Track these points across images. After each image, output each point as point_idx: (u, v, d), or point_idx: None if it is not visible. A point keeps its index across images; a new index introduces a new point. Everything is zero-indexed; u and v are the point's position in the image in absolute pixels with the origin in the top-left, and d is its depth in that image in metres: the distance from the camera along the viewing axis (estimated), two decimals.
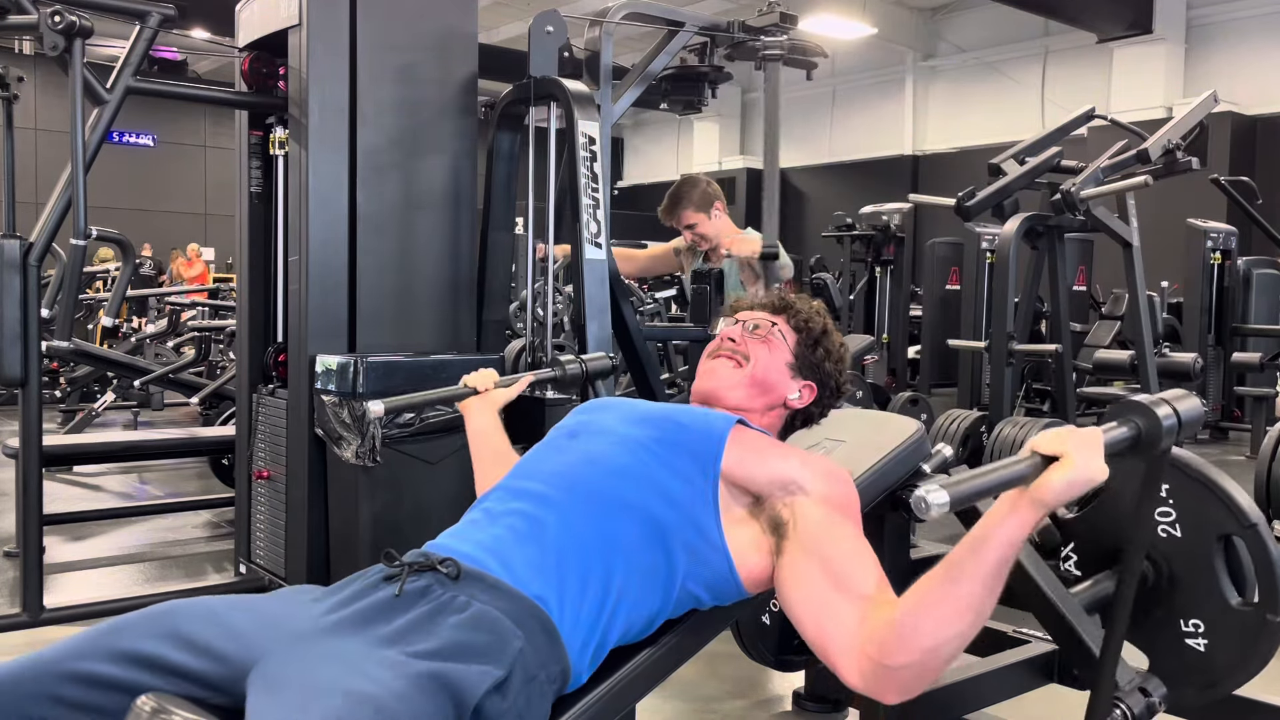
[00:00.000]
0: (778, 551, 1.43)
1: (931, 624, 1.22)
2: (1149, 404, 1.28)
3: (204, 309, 8.53)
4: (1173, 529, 1.58)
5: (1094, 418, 8.40)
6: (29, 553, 2.99)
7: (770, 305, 1.76)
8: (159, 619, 1.26)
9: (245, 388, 3.31)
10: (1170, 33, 11.97)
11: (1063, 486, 1.14)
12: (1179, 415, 1.29)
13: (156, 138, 18.18)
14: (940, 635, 1.22)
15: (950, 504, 1.04)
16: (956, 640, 1.22)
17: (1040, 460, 1.15)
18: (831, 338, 1.74)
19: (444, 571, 1.33)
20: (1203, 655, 1.59)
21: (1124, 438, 1.27)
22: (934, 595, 1.22)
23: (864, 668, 1.28)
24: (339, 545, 2.90)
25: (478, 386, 2.02)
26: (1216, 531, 1.54)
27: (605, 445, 1.52)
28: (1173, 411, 1.28)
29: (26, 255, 2.83)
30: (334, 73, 2.97)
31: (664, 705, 2.67)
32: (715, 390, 1.68)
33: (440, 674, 1.18)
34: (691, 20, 3.76)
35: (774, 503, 1.45)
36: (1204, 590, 1.57)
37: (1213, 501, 1.53)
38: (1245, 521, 1.50)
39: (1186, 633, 1.60)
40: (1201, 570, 1.56)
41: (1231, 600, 1.55)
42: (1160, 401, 1.29)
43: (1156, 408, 1.27)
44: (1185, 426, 1.29)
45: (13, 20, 2.75)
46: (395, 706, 1.11)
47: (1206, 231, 7.49)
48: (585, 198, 3.00)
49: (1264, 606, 1.51)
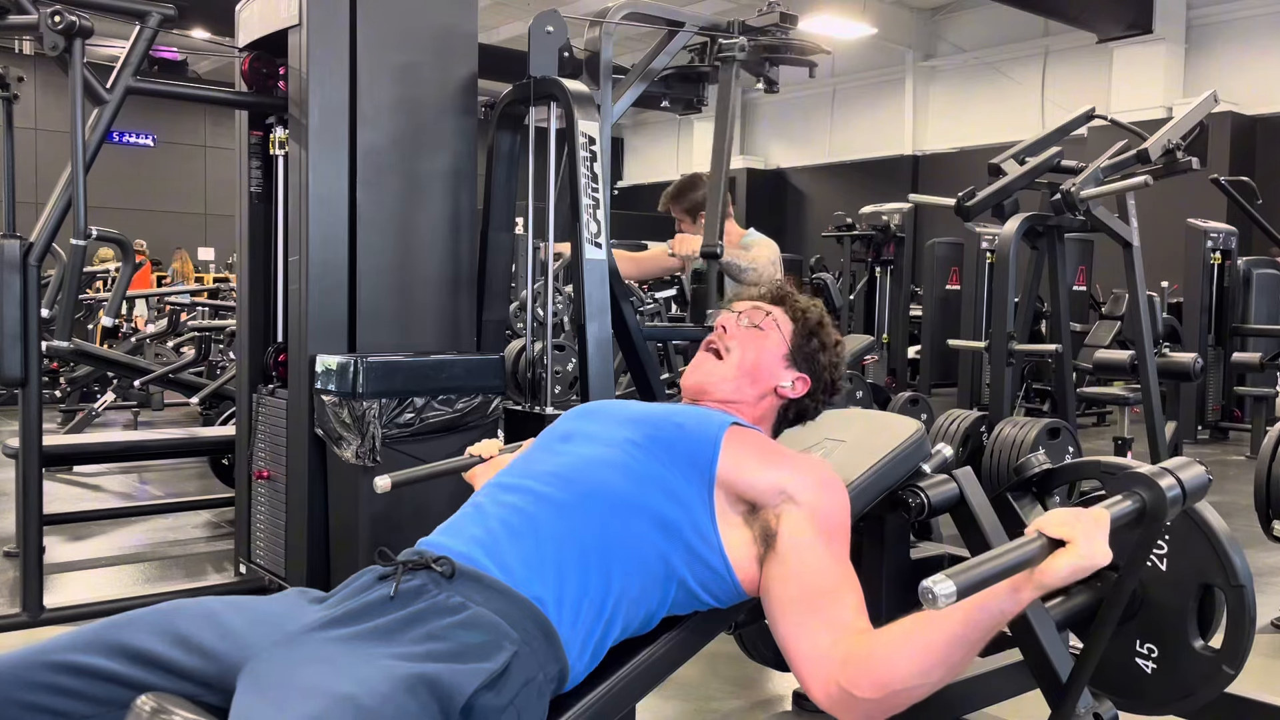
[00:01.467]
0: (764, 561, 1.43)
1: (904, 670, 1.25)
2: (1152, 476, 1.28)
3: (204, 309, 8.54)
4: (1160, 563, 1.60)
5: (1094, 417, 8.42)
6: (29, 553, 2.99)
7: (768, 296, 1.76)
8: (160, 616, 1.27)
9: (245, 388, 3.31)
10: (1170, 33, 11.97)
11: (1068, 573, 1.17)
12: (1183, 487, 1.29)
13: (156, 138, 18.19)
14: (911, 682, 1.26)
15: (957, 595, 1.05)
16: (924, 689, 1.26)
17: (1047, 543, 1.17)
18: (827, 330, 1.73)
19: (438, 570, 1.32)
20: (1147, 677, 1.62)
21: (1128, 511, 1.27)
22: (914, 644, 1.26)
23: (830, 692, 1.31)
24: (339, 545, 2.90)
25: (483, 455, 1.93)
26: (1202, 579, 1.55)
27: (600, 447, 1.52)
28: (1177, 483, 1.29)
29: (26, 255, 2.83)
30: (334, 73, 2.97)
31: (664, 705, 2.67)
32: (701, 385, 1.68)
33: (427, 676, 1.17)
34: (691, 20, 3.76)
35: (766, 512, 1.45)
36: (1170, 624, 1.59)
37: (1208, 553, 1.54)
38: (1234, 581, 1.52)
39: (1139, 652, 1.62)
40: (1174, 606, 1.58)
41: (1194, 642, 1.57)
42: (1163, 473, 1.29)
43: (1160, 479, 1.28)
44: (1190, 497, 1.30)
45: (13, 20, 2.75)
46: (378, 708, 1.11)
47: (1206, 231, 7.50)
48: (585, 198, 3.00)
49: (1224, 658, 1.54)
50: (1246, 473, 4.76)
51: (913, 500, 1.65)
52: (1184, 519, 1.57)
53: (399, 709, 1.12)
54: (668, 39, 3.73)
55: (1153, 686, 1.61)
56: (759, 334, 1.69)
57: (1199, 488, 1.31)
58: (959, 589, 1.05)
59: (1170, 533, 1.58)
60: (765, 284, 1.80)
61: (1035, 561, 1.16)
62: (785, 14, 3.78)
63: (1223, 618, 1.57)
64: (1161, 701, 1.62)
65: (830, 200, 14.57)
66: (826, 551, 1.41)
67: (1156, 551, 1.60)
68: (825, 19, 12.47)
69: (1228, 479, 6.09)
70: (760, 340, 1.68)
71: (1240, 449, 7.23)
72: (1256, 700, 1.84)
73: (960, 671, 1.26)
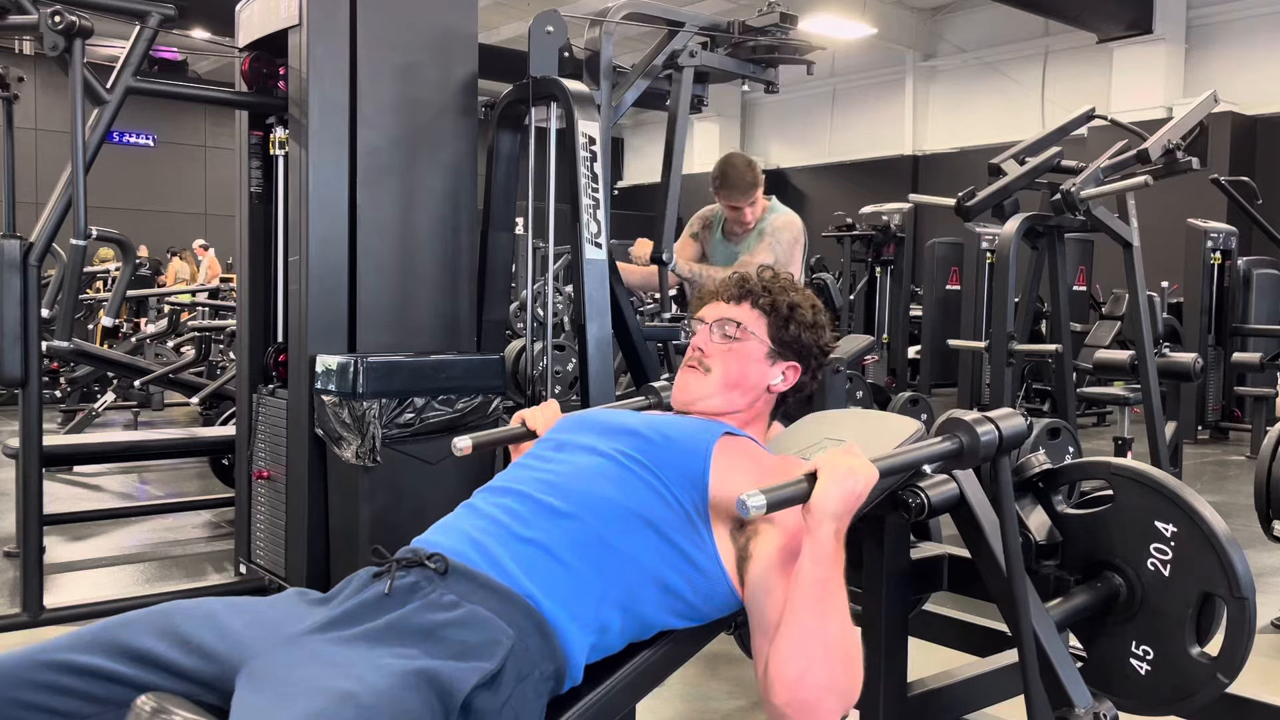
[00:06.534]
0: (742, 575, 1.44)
1: (785, 653, 1.28)
2: (972, 422, 1.42)
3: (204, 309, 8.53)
4: (1162, 568, 1.60)
5: (1094, 417, 8.42)
6: (29, 553, 2.99)
7: (732, 294, 1.73)
8: (160, 617, 1.28)
9: (245, 388, 3.31)
10: (1170, 33, 11.97)
11: (832, 491, 1.28)
12: (1001, 433, 1.42)
13: (156, 138, 18.19)
14: (797, 665, 1.28)
15: (766, 508, 1.24)
16: (819, 668, 1.27)
17: (805, 480, 1.30)
18: (801, 309, 1.71)
19: (432, 567, 1.33)
20: (1140, 678, 1.62)
21: (948, 450, 1.42)
22: (782, 634, 1.30)
23: (769, 713, 1.32)
24: (339, 545, 2.90)
25: (536, 429, 1.78)
26: (1204, 588, 1.56)
27: (594, 457, 1.51)
28: (994, 429, 1.41)
29: (26, 255, 2.83)
30: (334, 73, 2.97)
31: (664, 705, 2.67)
32: (690, 403, 1.68)
33: (426, 671, 1.18)
34: (691, 20, 3.77)
35: (745, 533, 1.45)
36: (1168, 629, 1.59)
37: (1213, 561, 1.54)
38: (1238, 592, 1.52)
39: (1134, 654, 1.63)
40: (1174, 613, 1.59)
41: (1190, 649, 1.57)
42: (984, 420, 1.42)
43: (979, 425, 1.41)
44: (1006, 441, 1.42)
45: (13, 20, 2.75)
46: (378, 704, 1.11)
47: (1206, 231, 7.49)
48: (585, 198, 2.99)
49: (1219, 666, 1.54)
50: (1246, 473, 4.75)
51: (913, 500, 1.64)
52: (1192, 529, 1.57)
53: (398, 704, 1.13)
54: (668, 39, 3.73)
55: (1146, 688, 1.62)
56: (735, 344, 1.68)
57: (1016, 435, 1.43)
58: (769, 501, 1.24)
59: (1175, 539, 1.59)
60: (721, 282, 1.77)
61: (805, 495, 1.29)
62: (785, 14, 3.78)
63: (1221, 625, 1.57)
64: (1154, 703, 1.63)
65: (830, 200, 14.56)
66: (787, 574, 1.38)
67: (1160, 556, 1.61)
68: (825, 19, 12.47)
69: (1228, 479, 6.09)
70: (739, 351, 1.68)
71: (1240, 449, 7.23)
72: (1256, 700, 1.84)
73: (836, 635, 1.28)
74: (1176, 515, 1.60)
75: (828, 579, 1.29)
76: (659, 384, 2.06)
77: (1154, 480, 1.64)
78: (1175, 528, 1.59)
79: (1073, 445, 4.39)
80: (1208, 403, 7.58)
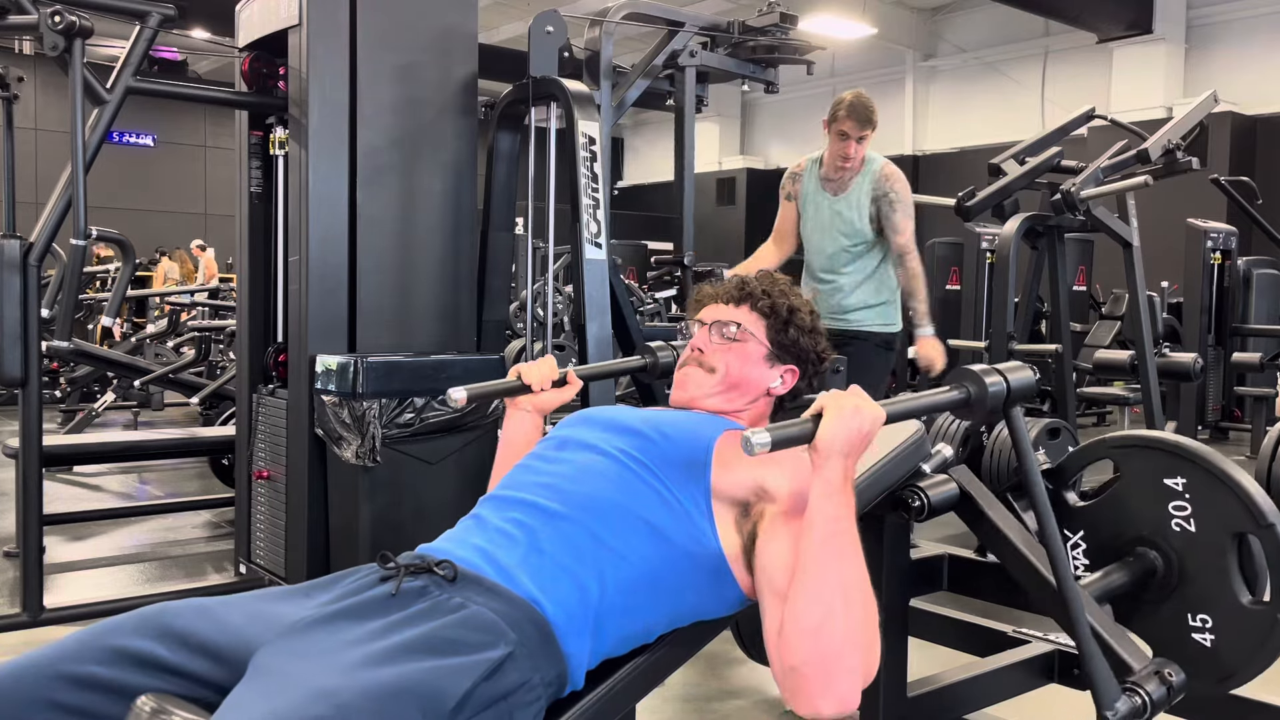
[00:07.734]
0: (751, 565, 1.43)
1: (802, 605, 1.26)
2: (980, 373, 1.42)
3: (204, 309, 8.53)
4: (1187, 524, 1.58)
5: (1094, 418, 8.42)
6: (29, 553, 2.99)
7: (732, 296, 1.72)
8: (150, 618, 1.26)
9: (245, 388, 3.31)
10: (1170, 33, 11.97)
11: (839, 428, 1.27)
12: (1008, 383, 1.42)
13: (156, 138, 18.19)
14: (815, 615, 1.25)
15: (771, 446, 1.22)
16: (838, 618, 1.24)
17: (810, 420, 1.29)
18: (800, 314, 1.71)
19: (440, 574, 1.33)
20: (1208, 650, 1.59)
21: (955, 399, 1.42)
22: (796, 586, 1.28)
23: (782, 682, 1.29)
24: (339, 545, 2.90)
25: (531, 384, 1.78)
26: (1232, 529, 1.53)
27: (596, 456, 1.51)
28: (1002, 379, 1.42)
29: (26, 255, 2.83)
30: (334, 73, 2.97)
31: (664, 705, 2.67)
32: (691, 401, 1.67)
33: (420, 674, 1.17)
34: (691, 20, 3.77)
35: (753, 514, 1.44)
36: (1215, 586, 1.56)
37: (1230, 499, 1.53)
38: (1263, 521, 1.49)
39: (1194, 627, 1.59)
40: (1214, 566, 1.56)
41: (1242, 598, 1.54)
42: (992, 371, 1.43)
43: (987, 375, 1.42)
44: (1015, 392, 1.42)
45: (13, 20, 2.75)
46: (361, 704, 1.11)
47: (1206, 231, 7.49)
48: (585, 198, 3.00)
49: (1276, 606, 1.51)
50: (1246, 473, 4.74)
51: (913, 500, 1.65)
52: (1200, 472, 1.56)
53: (384, 707, 1.13)
54: (668, 39, 3.74)
55: (1217, 658, 1.58)
56: (736, 345, 1.67)
57: (1024, 387, 1.43)
58: (773, 439, 1.22)
59: (1188, 490, 1.57)
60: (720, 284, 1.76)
61: (810, 435, 1.28)
62: (785, 14, 3.79)
63: (1264, 569, 1.54)
64: (1234, 669, 1.58)
65: None
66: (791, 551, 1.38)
67: (1181, 513, 1.59)
68: (825, 19, 12.47)
69: None
70: (739, 351, 1.67)
71: (1240, 449, 7.22)
72: (1256, 700, 1.84)
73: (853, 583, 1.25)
74: (1181, 465, 1.59)
75: (839, 517, 1.27)
76: (655, 344, 2.05)
77: (1151, 439, 1.65)
78: (1184, 478, 1.58)
79: (1072, 445, 4.39)
80: (1207, 403, 7.56)
